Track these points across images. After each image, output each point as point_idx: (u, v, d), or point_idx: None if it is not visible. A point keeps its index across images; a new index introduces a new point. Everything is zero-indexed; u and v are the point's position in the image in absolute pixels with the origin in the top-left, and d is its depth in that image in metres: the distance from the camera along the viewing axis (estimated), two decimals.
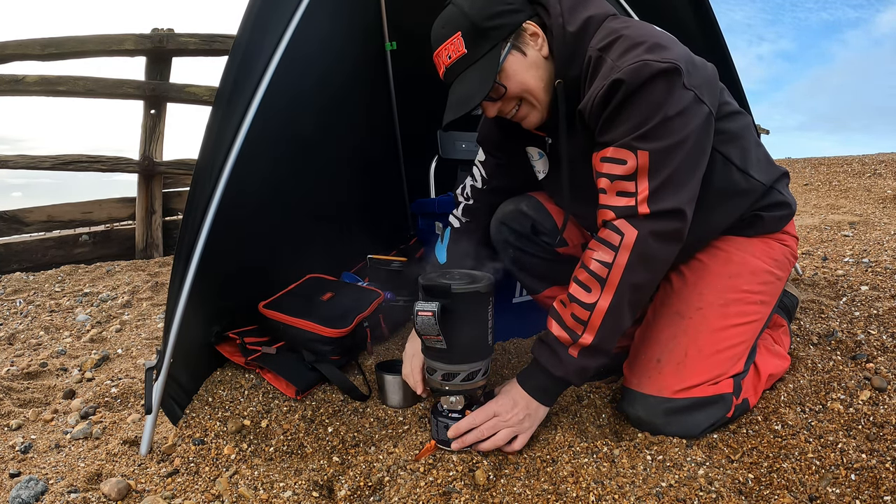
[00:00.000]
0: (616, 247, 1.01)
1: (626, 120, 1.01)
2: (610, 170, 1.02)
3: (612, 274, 1.01)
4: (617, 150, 1.01)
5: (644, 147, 0.99)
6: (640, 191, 1.00)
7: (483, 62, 1.08)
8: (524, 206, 1.40)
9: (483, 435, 1.08)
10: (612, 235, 1.01)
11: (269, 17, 1.30)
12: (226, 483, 1.11)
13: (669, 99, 0.99)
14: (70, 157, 3.68)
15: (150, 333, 2.17)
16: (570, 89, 1.12)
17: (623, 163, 1.01)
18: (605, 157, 1.03)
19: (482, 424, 1.09)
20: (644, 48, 1.00)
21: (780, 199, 1.24)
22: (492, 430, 1.08)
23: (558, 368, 1.07)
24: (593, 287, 1.03)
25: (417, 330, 1.07)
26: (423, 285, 1.09)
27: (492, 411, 1.10)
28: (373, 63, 2.38)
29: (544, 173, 1.35)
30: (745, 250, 1.23)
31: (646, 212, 1.00)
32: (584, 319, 1.04)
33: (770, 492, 0.98)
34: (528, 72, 1.12)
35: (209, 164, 1.23)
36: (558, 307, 1.09)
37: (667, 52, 1.00)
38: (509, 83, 1.12)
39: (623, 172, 1.01)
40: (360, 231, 2.25)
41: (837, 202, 3.96)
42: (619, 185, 1.02)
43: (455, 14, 1.10)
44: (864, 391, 1.22)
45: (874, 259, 2.34)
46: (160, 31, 3.84)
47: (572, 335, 1.05)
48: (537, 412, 1.11)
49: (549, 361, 1.08)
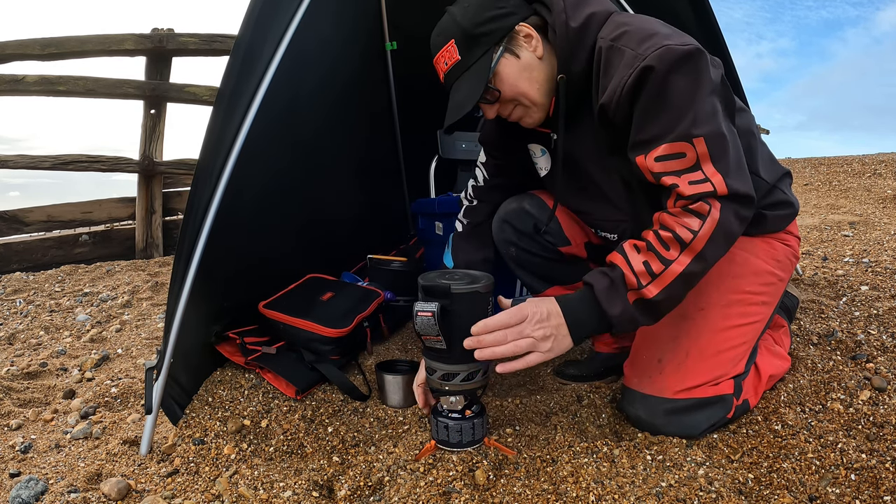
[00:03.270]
0: (704, 217, 0.99)
1: (667, 111, 0.99)
2: (671, 167, 1.01)
3: (696, 241, 0.99)
4: (671, 145, 0.99)
5: (697, 133, 0.97)
6: (711, 175, 0.99)
7: (475, 68, 1.10)
8: (527, 204, 1.40)
9: (506, 339, 1.02)
10: (703, 206, 1.00)
11: (271, 18, 1.31)
12: (226, 483, 1.11)
13: (702, 80, 0.98)
14: (70, 157, 3.68)
15: (150, 333, 2.17)
16: (575, 84, 1.12)
17: (683, 156, 0.99)
18: (661, 156, 1.01)
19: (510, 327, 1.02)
20: (661, 35, 1.00)
21: (783, 199, 1.24)
22: (516, 336, 1.02)
23: (612, 306, 1.02)
24: (673, 247, 1.01)
25: (417, 330, 1.07)
26: (423, 286, 1.09)
27: (525, 314, 1.03)
28: (373, 63, 2.38)
29: (546, 170, 1.34)
30: (748, 250, 1.22)
31: (725, 192, 0.99)
32: (656, 272, 1.01)
33: (770, 492, 0.98)
34: (522, 74, 1.12)
35: (210, 164, 1.23)
36: (629, 250, 1.04)
37: (683, 37, 1.01)
38: (503, 86, 1.13)
39: (686, 165, 1.00)
40: (360, 231, 2.25)
41: (837, 202, 3.96)
42: (688, 176, 1.00)
43: (448, 22, 1.13)
44: (864, 391, 1.23)
45: (874, 259, 2.34)
46: (160, 31, 3.84)
47: (638, 282, 1.01)
48: (562, 341, 1.04)
49: (605, 295, 1.03)
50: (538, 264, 1.43)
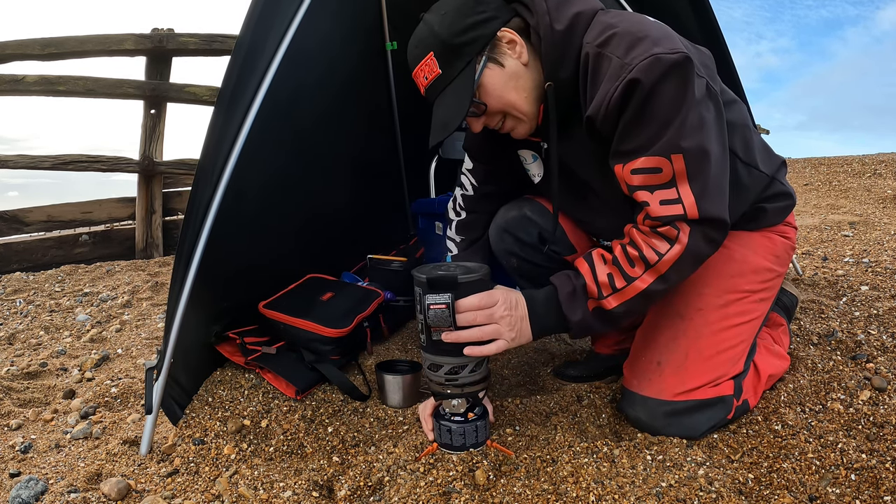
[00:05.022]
0: (672, 241, 0.99)
1: (650, 123, 0.96)
2: (646, 181, 0.99)
3: (661, 264, 1.00)
4: (649, 159, 0.97)
5: (676, 150, 0.95)
6: (684, 195, 0.97)
7: (458, 81, 1.04)
8: (528, 210, 1.32)
9: (475, 321, 1.04)
10: (670, 231, 0.99)
11: (272, 17, 1.30)
12: (226, 483, 1.11)
13: (688, 92, 0.95)
14: (70, 157, 3.68)
15: (150, 333, 2.17)
16: (563, 91, 1.06)
17: (659, 171, 0.97)
18: (637, 169, 0.99)
19: (481, 309, 1.04)
20: (650, 41, 0.95)
21: (782, 190, 1.23)
22: (486, 319, 1.04)
23: (571, 311, 1.06)
24: (638, 266, 1.02)
25: (429, 323, 1.07)
26: (428, 279, 1.06)
27: (495, 298, 1.05)
28: (373, 63, 2.38)
29: (540, 177, 1.29)
30: (747, 247, 1.21)
31: (695, 216, 0.97)
32: (618, 287, 1.03)
33: (770, 492, 0.98)
34: (508, 84, 1.06)
35: (211, 164, 1.23)
36: (597, 260, 1.07)
37: (671, 41, 0.96)
38: (489, 99, 1.07)
39: (661, 181, 0.98)
40: (360, 231, 2.25)
41: (837, 202, 3.96)
42: (661, 194, 0.98)
43: (425, 33, 1.05)
44: (864, 391, 1.23)
45: (874, 259, 2.34)
46: (160, 31, 3.84)
47: (599, 292, 1.04)
48: (523, 334, 1.08)
49: (566, 299, 1.06)
50: (543, 274, 1.36)
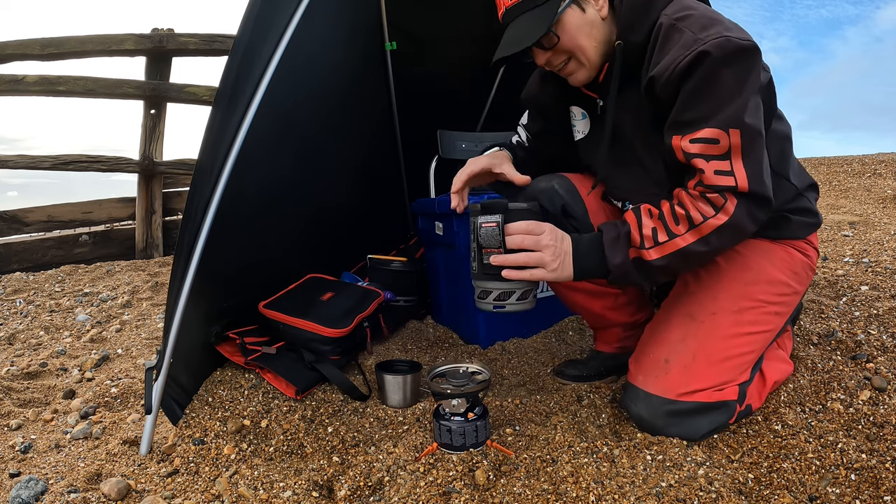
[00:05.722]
0: (719, 208, 1.03)
1: (711, 96, 1.01)
2: (704, 150, 1.03)
3: (705, 226, 1.04)
4: (710, 130, 1.02)
5: (735, 125, 1.00)
6: (737, 169, 1.02)
7: (542, 9, 1.10)
8: (556, 184, 1.38)
9: (523, 244, 1.09)
10: (718, 199, 1.03)
11: (270, 17, 1.30)
12: (226, 483, 1.11)
13: (751, 76, 1.01)
14: (70, 157, 3.68)
15: (150, 333, 2.17)
16: (630, 53, 1.13)
17: (716, 142, 1.02)
18: (698, 139, 1.03)
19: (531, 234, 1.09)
20: (723, 26, 1.02)
21: (808, 206, 1.24)
22: (533, 245, 1.09)
23: (612, 254, 1.10)
24: (682, 224, 1.06)
25: (480, 243, 1.11)
26: (482, 204, 1.12)
27: (545, 228, 1.11)
28: (373, 63, 2.38)
29: (583, 134, 1.35)
30: (765, 257, 1.21)
31: (745, 189, 1.02)
32: (660, 241, 1.07)
33: (770, 492, 0.98)
34: (583, 28, 1.13)
35: (209, 164, 1.23)
36: (644, 213, 1.11)
37: (744, 32, 1.03)
38: (563, 35, 1.13)
39: (717, 152, 1.02)
40: (360, 231, 2.25)
41: (837, 202, 3.95)
42: (716, 164, 1.03)
43: None
44: (864, 391, 1.22)
45: (874, 259, 2.34)
46: (160, 31, 3.84)
47: (642, 243, 1.08)
48: (564, 269, 1.12)
49: (611, 244, 1.11)
50: None
